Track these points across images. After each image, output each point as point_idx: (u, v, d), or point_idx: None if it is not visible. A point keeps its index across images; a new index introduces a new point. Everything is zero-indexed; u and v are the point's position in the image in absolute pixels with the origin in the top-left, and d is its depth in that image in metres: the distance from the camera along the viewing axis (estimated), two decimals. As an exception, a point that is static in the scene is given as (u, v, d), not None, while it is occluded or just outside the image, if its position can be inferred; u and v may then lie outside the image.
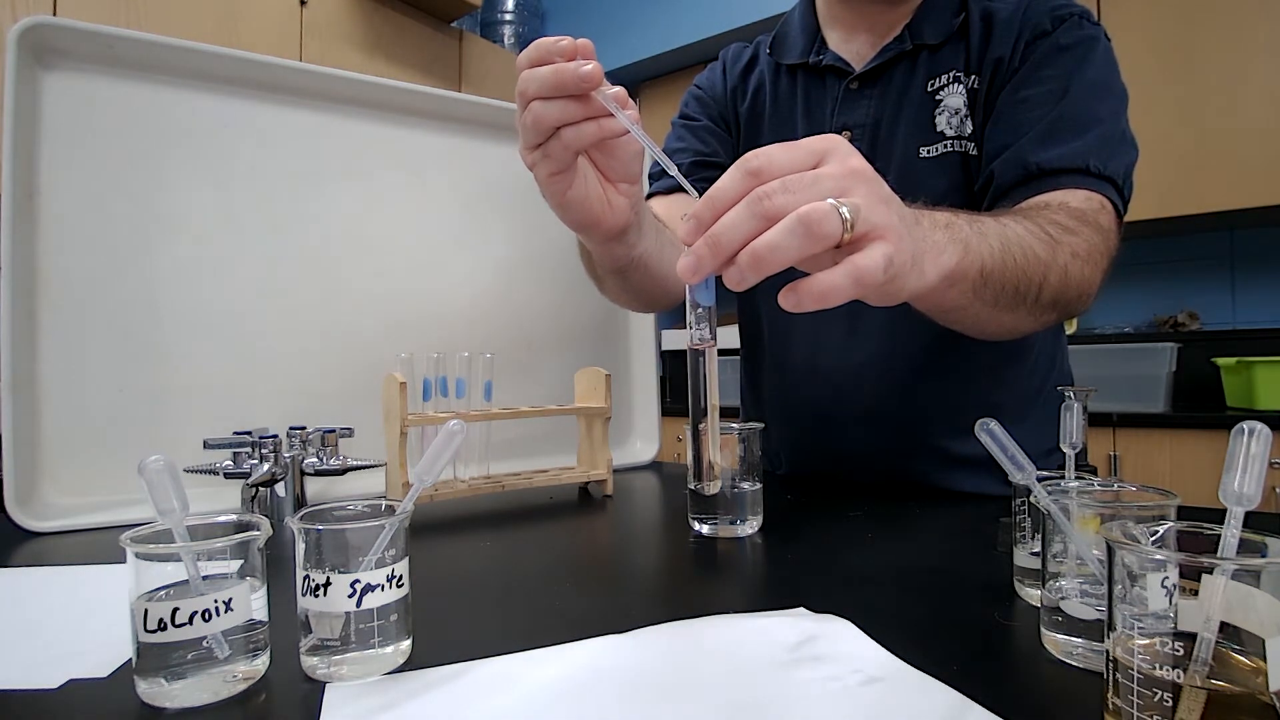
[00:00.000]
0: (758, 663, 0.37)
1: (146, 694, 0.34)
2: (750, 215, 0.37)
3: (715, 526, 0.64)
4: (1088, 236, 0.62)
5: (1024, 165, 0.69)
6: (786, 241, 0.36)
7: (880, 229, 0.38)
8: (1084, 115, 0.69)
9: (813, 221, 0.36)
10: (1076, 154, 0.67)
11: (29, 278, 0.73)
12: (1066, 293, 0.60)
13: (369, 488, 0.86)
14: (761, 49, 0.92)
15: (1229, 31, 1.95)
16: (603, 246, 0.65)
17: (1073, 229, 0.61)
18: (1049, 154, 0.68)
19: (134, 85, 0.79)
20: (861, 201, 0.38)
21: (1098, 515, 0.37)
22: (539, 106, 0.52)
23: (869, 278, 0.37)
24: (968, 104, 0.76)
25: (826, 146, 0.40)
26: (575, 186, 0.57)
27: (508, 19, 3.12)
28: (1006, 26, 0.75)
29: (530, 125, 0.53)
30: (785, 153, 0.39)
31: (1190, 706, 0.26)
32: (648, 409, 1.13)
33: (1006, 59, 0.74)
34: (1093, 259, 0.62)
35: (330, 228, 0.89)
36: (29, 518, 0.69)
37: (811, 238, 0.36)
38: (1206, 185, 1.98)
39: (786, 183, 0.37)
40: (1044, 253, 0.57)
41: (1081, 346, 2.08)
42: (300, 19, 2.08)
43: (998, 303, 0.56)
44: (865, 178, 0.39)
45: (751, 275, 0.37)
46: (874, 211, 0.38)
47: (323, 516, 0.39)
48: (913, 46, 0.79)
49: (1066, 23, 0.73)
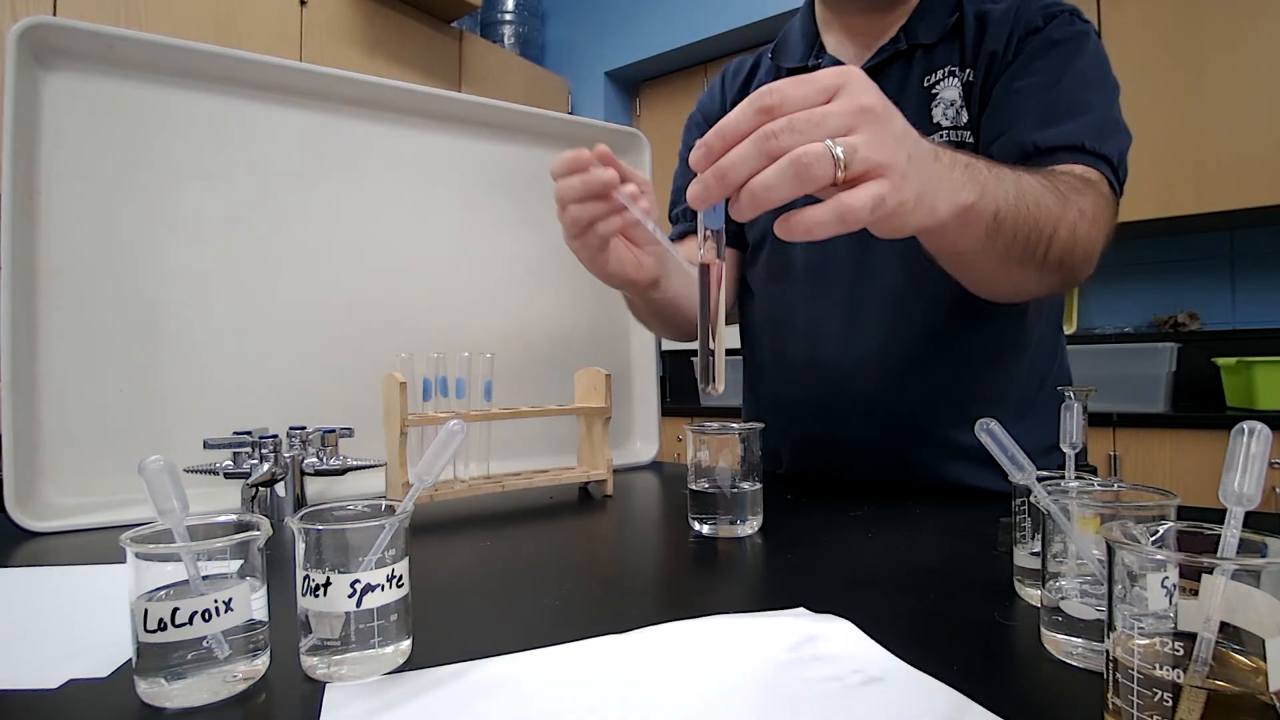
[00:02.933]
0: (757, 663, 0.37)
1: (146, 694, 0.34)
2: (756, 153, 0.39)
3: (715, 526, 0.64)
4: (1093, 199, 0.64)
5: (1021, 145, 0.71)
6: (779, 182, 0.38)
7: (879, 168, 0.40)
8: (1078, 101, 0.71)
9: (803, 165, 0.38)
10: (1072, 133, 0.69)
11: (29, 278, 0.73)
12: (1074, 251, 0.62)
13: (369, 488, 0.86)
14: (764, 57, 0.96)
15: (1229, 32, 1.95)
16: (640, 296, 0.79)
17: (1080, 189, 0.63)
18: (1046, 133, 0.70)
19: (134, 85, 0.79)
20: (863, 140, 0.39)
21: (1098, 515, 0.37)
22: (575, 209, 0.65)
23: (852, 216, 0.39)
24: (963, 96, 0.78)
25: (840, 81, 0.41)
26: (611, 260, 0.70)
27: (508, 19, 3.12)
28: (1000, 24, 0.77)
29: (570, 224, 0.67)
30: (797, 88, 0.40)
31: (1190, 706, 0.26)
32: (648, 409, 1.13)
33: (1000, 53, 0.76)
34: (1097, 221, 0.64)
35: (330, 227, 0.89)
36: (29, 518, 0.69)
37: (802, 180, 0.38)
38: (1207, 185, 1.98)
39: (794, 121, 0.39)
40: (1055, 206, 0.59)
41: (1081, 346, 2.08)
42: (300, 19, 2.08)
43: (1008, 252, 0.57)
44: (876, 115, 0.40)
45: (750, 211, 0.40)
46: (876, 150, 0.40)
47: (323, 516, 0.39)
48: (907, 46, 0.81)
49: (1057, 19, 0.75)
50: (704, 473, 0.65)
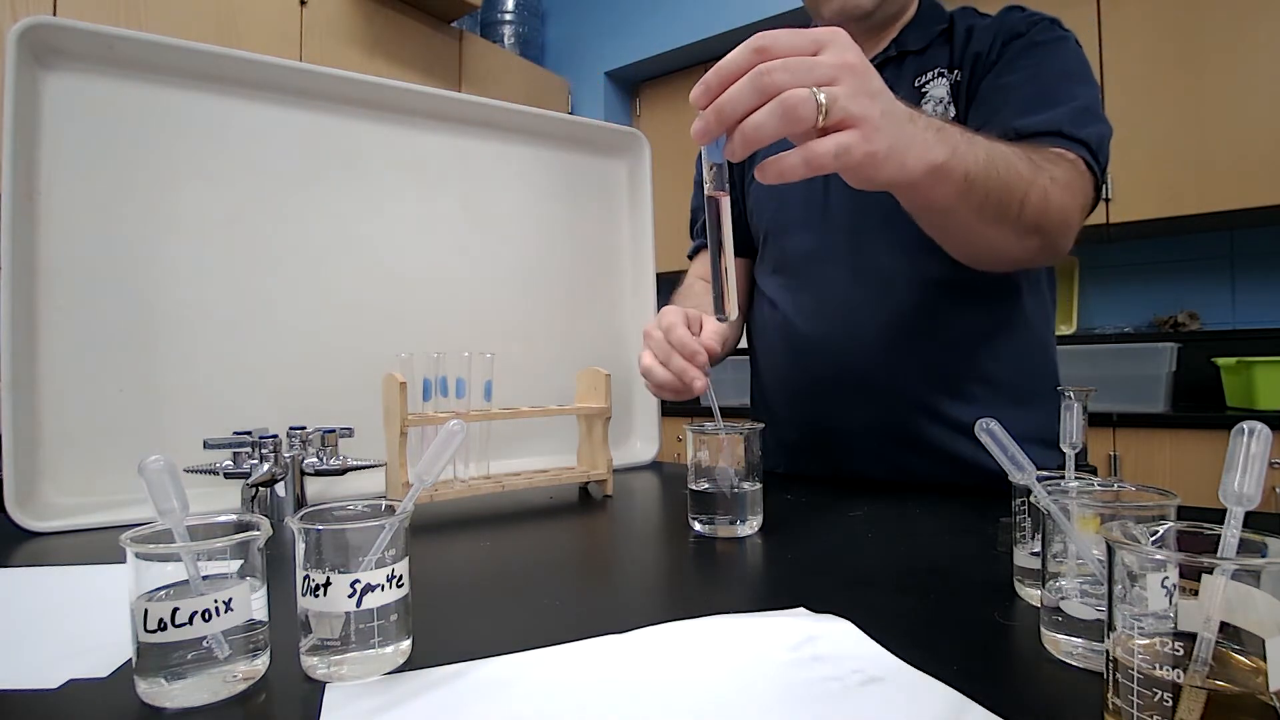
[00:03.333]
0: (758, 663, 0.37)
1: (146, 694, 0.34)
2: (752, 90, 0.43)
3: (715, 526, 0.64)
4: (1066, 169, 0.68)
5: (1002, 133, 0.74)
6: (768, 120, 0.42)
7: (854, 119, 0.44)
8: (1058, 91, 0.76)
9: (790, 106, 0.42)
10: (1051, 120, 0.73)
11: (29, 278, 0.73)
12: (1048, 214, 0.65)
13: (369, 488, 0.86)
14: None
15: (1229, 32, 1.95)
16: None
17: (1054, 160, 0.68)
18: (1026, 120, 0.74)
19: (134, 85, 0.79)
20: (843, 91, 0.43)
21: (1098, 515, 0.37)
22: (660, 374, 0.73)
23: (817, 160, 0.43)
24: (950, 94, 0.84)
25: (828, 38, 0.45)
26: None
27: (508, 19, 3.12)
28: (985, 31, 0.84)
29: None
30: (789, 37, 0.44)
31: (1190, 706, 0.26)
32: (648, 409, 1.13)
33: (985, 53, 0.82)
34: (1071, 189, 0.68)
35: (330, 227, 0.89)
36: (29, 518, 0.69)
37: (788, 119, 0.42)
38: (1207, 185, 1.98)
39: (787, 63, 0.43)
40: (1026, 171, 0.63)
41: (1081, 346, 2.08)
42: (300, 19, 2.08)
43: (983, 211, 0.61)
44: (856, 71, 0.44)
45: (742, 150, 0.44)
46: (853, 102, 0.44)
47: (323, 516, 0.39)
48: (898, 53, 0.87)
49: (1039, 25, 0.81)
50: (704, 473, 0.65)
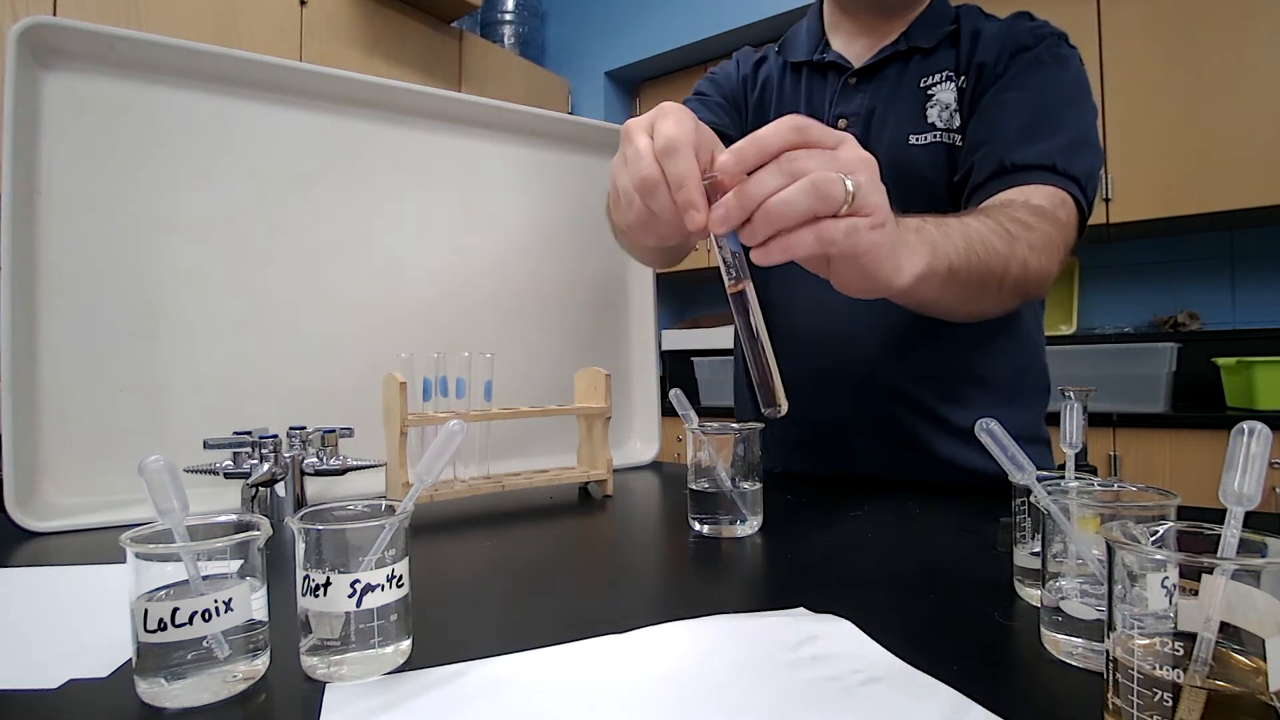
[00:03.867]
0: (758, 663, 0.37)
1: (146, 694, 0.34)
2: (779, 173, 0.42)
3: (715, 526, 0.64)
4: (1044, 230, 0.69)
5: (999, 161, 0.77)
6: (798, 199, 0.42)
7: (870, 208, 0.45)
8: (1056, 120, 0.77)
9: (820, 183, 0.42)
10: (1045, 154, 0.75)
11: (29, 278, 0.73)
12: (1027, 281, 0.67)
13: (369, 488, 0.86)
14: (770, 51, 1.01)
15: (1230, 32, 1.94)
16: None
17: (1030, 224, 0.68)
18: (1023, 151, 0.76)
19: (134, 85, 0.78)
20: (865, 180, 0.44)
21: (1098, 515, 0.37)
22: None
23: (828, 235, 0.43)
24: (957, 101, 0.84)
25: (844, 136, 0.46)
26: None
27: (508, 19, 3.12)
28: (992, 39, 0.84)
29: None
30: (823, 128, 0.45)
31: (1190, 706, 0.26)
32: (648, 409, 1.13)
33: (991, 64, 0.82)
34: (1048, 250, 0.69)
35: (330, 227, 0.89)
36: (29, 518, 0.69)
37: (819, 196, 0.42)
38: (1207, 185, 1.98)
39: (811, 152, 0.43)
40: (1003, 247, 0.64)
41: (1081, 346, 2.08)
42: (300, 19, 2.08)
43: (965, 294, 0.62)
44: (870, 166, 0.46)
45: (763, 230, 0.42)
46: (874, 193, 0.45)
47: (323, 516, 0.39)
48: (907, 48, 0.87)
49: (1046, 40, 0.81)
50: (704, 473, 0.65)
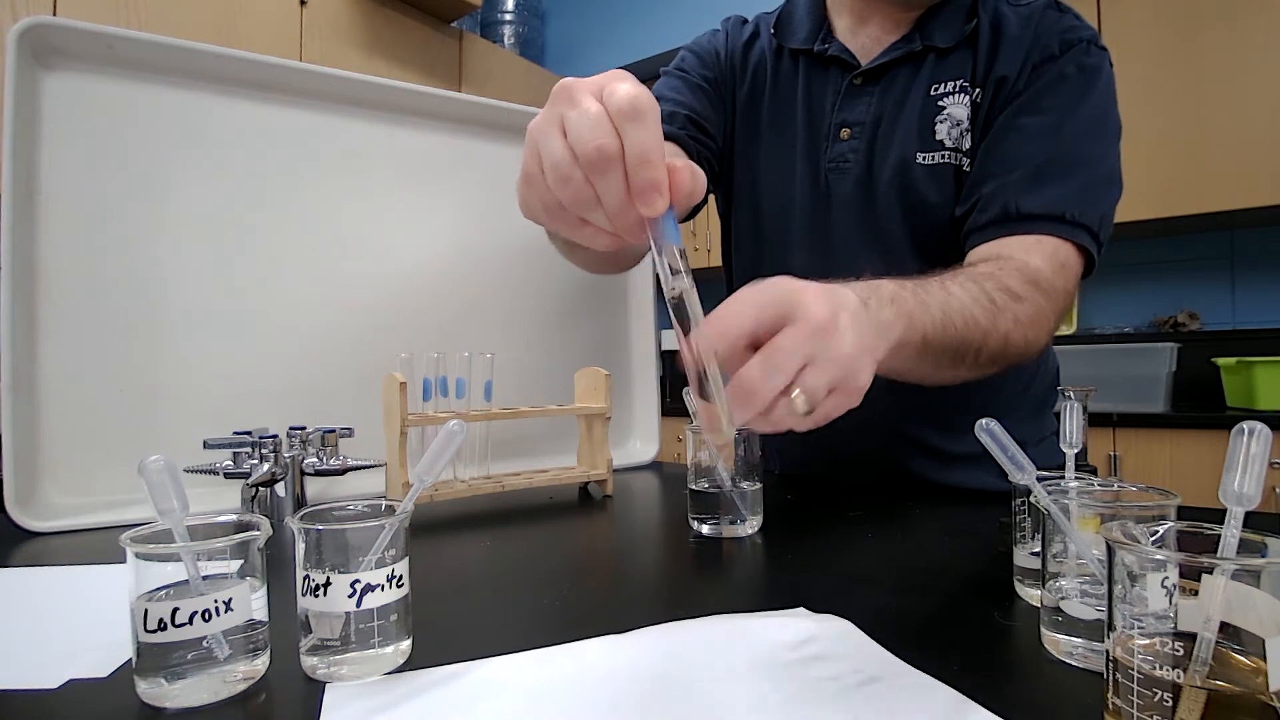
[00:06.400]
0: (758, 663, 0.37)
1: (146, 694, 0.34)
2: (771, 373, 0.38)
3: (715, 526, 0.64)
4: (1034, 302, 0.64)
5: (1004, 206, 0.71)
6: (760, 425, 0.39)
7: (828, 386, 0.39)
8: (1074, 157, 0.71)
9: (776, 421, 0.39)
10: (1057, 202, 0.69)
11: (29, 278, 0.73)
12: (1007, 354, 0.62)
13: (369, 488, 0.86)
14: (763, 27, 0.90)
15: (1229, 32, 1.95)
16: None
17: (1019, 295, 0.63)
18: (1030, 199, 0.70)
19: (134, 85, 0.78)
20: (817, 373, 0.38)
21: (1098, 515, 0.37)
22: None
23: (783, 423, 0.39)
24: (970, 116, 0.76)
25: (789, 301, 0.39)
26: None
27: (508, 19, 3.12)
28: (1015, 43, 0.74)
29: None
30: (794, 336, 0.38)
31: (1190, 706, 0.26)
32: (648, 409, 1.13)
33: (1011, 79, 0.74)
34: (1035, 323, 0.64)
35: (330, 227, 0.89)
36: (29, 518, 0.69)
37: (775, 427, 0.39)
38: (1206, 185, 1.98)
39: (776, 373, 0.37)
40: (985, 320, 0.59)
41: (1081, 346, 2.08)
42: (300, 19, 2.08)
43: (939, 364, 0.58)
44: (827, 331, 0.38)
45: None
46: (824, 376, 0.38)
47: (323, 516, 0.39)
48: (922, 48, 0.78)
49: (1074, 48, 0.72)
50: (704, 473, 0.65)
